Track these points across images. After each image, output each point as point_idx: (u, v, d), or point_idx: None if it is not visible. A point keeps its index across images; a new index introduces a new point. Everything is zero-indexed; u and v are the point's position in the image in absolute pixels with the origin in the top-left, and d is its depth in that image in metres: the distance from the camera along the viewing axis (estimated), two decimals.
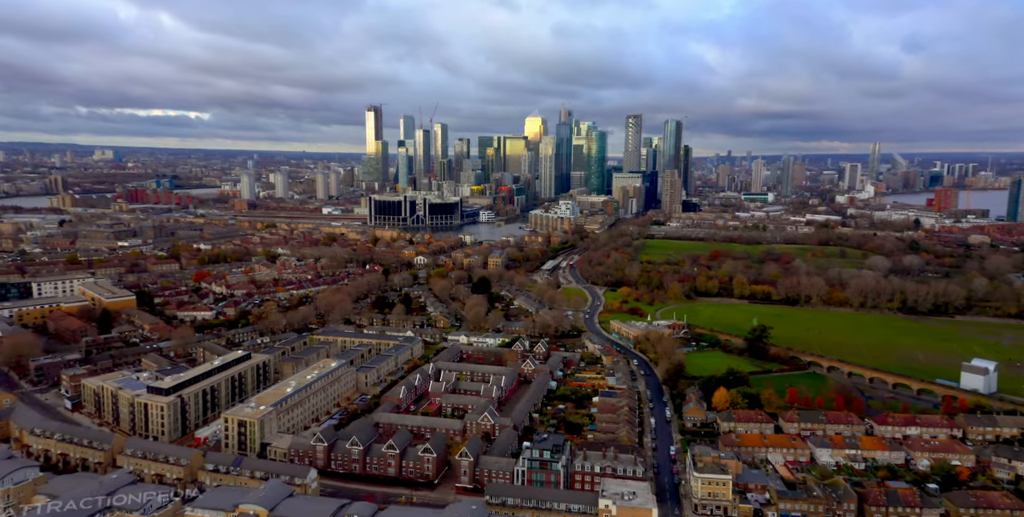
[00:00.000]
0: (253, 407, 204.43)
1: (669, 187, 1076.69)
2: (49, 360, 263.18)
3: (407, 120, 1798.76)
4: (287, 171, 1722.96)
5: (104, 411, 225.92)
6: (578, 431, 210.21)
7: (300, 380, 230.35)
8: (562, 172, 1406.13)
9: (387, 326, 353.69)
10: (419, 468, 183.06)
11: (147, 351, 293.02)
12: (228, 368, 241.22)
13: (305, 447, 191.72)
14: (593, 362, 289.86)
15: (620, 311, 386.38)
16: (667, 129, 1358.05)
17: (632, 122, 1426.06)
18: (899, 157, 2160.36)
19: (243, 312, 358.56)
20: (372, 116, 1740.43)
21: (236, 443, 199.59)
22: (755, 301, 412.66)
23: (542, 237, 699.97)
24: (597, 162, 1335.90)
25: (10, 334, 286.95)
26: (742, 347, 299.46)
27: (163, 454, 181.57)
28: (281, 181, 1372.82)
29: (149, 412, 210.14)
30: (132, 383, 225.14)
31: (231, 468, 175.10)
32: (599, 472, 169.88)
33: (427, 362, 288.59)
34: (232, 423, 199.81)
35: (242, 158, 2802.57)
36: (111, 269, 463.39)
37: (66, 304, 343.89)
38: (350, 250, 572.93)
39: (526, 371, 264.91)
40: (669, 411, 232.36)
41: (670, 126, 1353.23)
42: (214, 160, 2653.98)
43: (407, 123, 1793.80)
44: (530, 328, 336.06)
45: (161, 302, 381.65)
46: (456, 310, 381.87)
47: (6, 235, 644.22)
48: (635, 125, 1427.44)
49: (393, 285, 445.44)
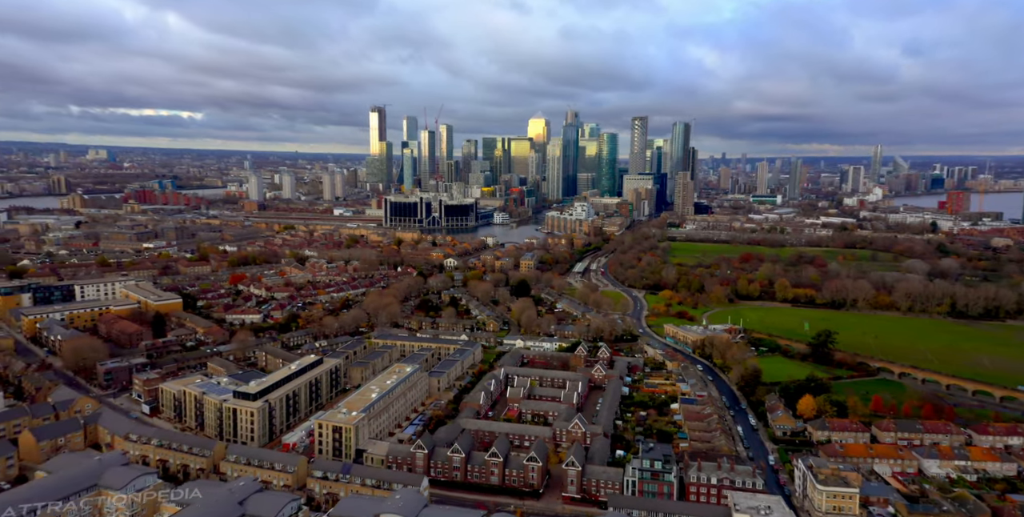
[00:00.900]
0: (345, 413, 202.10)
1: (682, 189, 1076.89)
2: (117, 364, 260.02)
3: (410, 121, 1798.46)
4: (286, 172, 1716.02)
5: (187, 416, 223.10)
6: (668, 439, 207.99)
7: (381, 385, 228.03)
8: (568, 174, 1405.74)
9: (436, 329, 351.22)
10: (523, 476, 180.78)
11: (208, 355, 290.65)
12: (305, 373, 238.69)
13: (404, 454, 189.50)
14: (656, 367, 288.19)
15: (667, 315, 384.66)
16: (675, 131, 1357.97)
17: (638, 124, 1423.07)
18: (901, 160, 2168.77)
19: (292, 315, 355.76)
20: (376, 117, 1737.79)
21: (331, 449, 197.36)
22: (798, 305, 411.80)
23: (565, 239, 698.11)
24: (608, 164, 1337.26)
25: (70, 338, 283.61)
26: (805, 352, 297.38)
27: (268, 460, 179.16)
28: (288, 182, 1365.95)
29: (238, 417, 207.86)
30: (214, 388, 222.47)
31: (340, 475, 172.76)
32: (715, 484, 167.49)
33: (488, 366, 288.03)
34: (326, 429, 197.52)
35: (237, 158, 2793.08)
36: (144, 271, 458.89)
37: (115, 307, 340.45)
38: (377, 252, 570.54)
39: (597, 377, 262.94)
40: (752, 419, 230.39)
41: (678, 128, 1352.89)
42: (208, 160, 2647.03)
43: (410, 124, 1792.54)
44: (584, 332, 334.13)
45: (205, 305, 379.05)
46: (502, 313, 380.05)
47: (25, 236, 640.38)
48: (641, 127, 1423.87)
49: (430, 288, 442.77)
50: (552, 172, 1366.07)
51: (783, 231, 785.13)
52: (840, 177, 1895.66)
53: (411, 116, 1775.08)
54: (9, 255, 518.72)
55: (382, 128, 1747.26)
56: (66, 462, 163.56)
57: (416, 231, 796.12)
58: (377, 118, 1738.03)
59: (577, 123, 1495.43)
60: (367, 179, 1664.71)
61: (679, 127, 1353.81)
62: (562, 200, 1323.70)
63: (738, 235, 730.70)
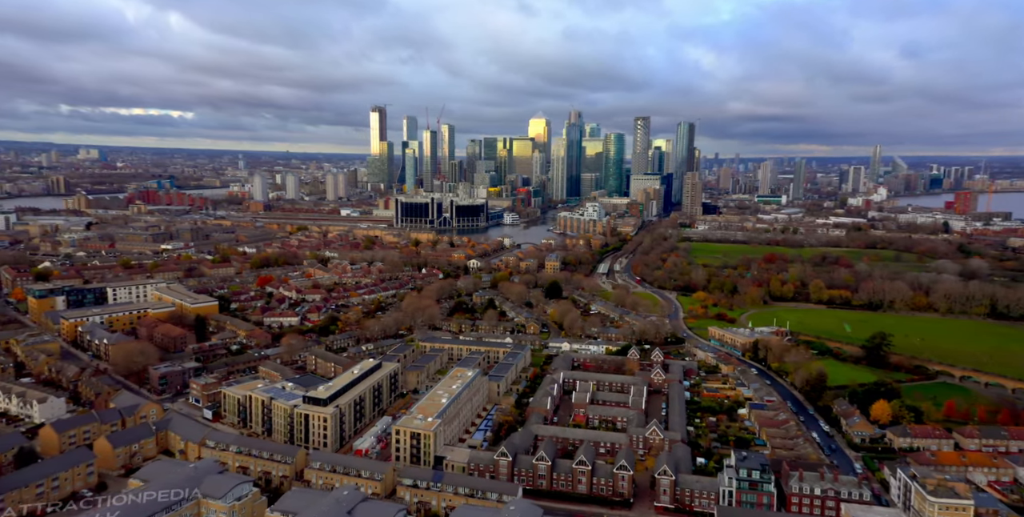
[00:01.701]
0: (421, 419, 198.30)
1: (690, 190, 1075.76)
2: (170, 368, 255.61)
3: (410, 121, 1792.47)
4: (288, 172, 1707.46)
5: (252, 421, 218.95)
6: (746, 446, 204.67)
7: (448, 390, 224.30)
8: (572, 174, 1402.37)
9: (476, 332, 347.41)
10: (612, 485, 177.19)
11: (256, 358, 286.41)
12: (367, 377, 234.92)
13: (486, 461, 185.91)
14: (710, 371, 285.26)
15: (705, 317, 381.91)
16: (679, 131, 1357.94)
17: (640, 124, 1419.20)
18: (900, 160, 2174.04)
19: (331, 318, 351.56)
20: (377, 117, 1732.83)
21: (408, 456, 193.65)
22: (833, 306, 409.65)
23: (582, 240, 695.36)
24: (615, 164, 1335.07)
25: (118, 342, 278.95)
26: (858, 355, 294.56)
27: (355, 468, 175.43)
28: (292, 182, 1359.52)
29: (310, 423, 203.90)
30: (280, 392, 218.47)
31: (431, 483, 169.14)
32: (820, 495, 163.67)
33: (540, 370, 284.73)
34: (404, 435, 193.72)
35: (229, 158, 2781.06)
36: (168, 273, 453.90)
37: (154, 310, 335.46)
38: (398, 253, 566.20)
39: (656, 381, 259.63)
40: (824, 425, 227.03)
41: (682, 128, 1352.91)
42: (201, 160, 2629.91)
43: (410, 124, 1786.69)
44: (628, 335, 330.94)
45: (238, 307, 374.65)
46: (539, 315, 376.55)
47: (36, 237, 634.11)
48: (643, 127, 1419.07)
49: (460, 289, 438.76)
50: (556, 172, 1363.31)
51: (796, 231, 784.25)
52: (840, 177, 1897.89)
53: (411, 116, 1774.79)
54: (27, 257, 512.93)
55: (383, 128, 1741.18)
56: (160, 470, 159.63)
57: (428, 231, 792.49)
58: (378, 118, 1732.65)
59: (580, 123, 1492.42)
60: (368, 179, 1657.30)
61: (683, 127, 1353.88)
62: (566, 200, 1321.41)
63: (755, 236, 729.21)
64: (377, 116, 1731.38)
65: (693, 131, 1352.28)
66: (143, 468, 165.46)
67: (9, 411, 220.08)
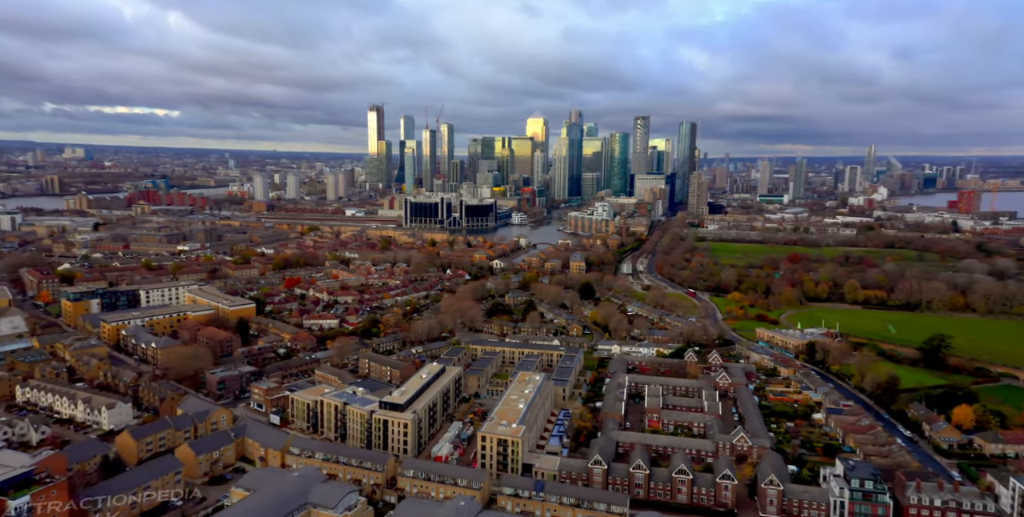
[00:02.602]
0: (505, 425, 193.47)
1: (696, 189, 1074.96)
2: (228, 373, 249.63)
3: (407, 120, 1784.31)
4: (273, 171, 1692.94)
5: (325, 427, 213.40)
6: (833, 453, 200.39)
7: (520, 394, 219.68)
8: (573, 173, 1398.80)
9: (518, 334, 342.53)
10: (714, 495, 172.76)
11: (307, 362, 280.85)
12: (435, 382, 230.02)
13: (579, 469, 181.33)
14: (769, 374, 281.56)
15: (745, 318, 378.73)
16: (681, 131, 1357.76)
17: (640, 123, 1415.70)
18: (895, 160, 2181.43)
19: (372, 320, 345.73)
20: (375, 116, 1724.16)
21: (495, 463, 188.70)
22: (868, 306, 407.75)
23: (599, 240, 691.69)
24: (620, 164, 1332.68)
25: (168, 346, 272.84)
26: (914, 357, 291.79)
27: (451, 476, 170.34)
28: (292, 182, 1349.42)
29: (389, 429, 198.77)
30: (352, 398, 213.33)
31: (533, 493, 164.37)
32: (940, 506, 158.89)
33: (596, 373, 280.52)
34: (491, 441, 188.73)
35: (216, 157, 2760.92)
36: (192, 275, 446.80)
37: (193, 313, 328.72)
38: (418, 254, 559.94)
39: (722, 384, 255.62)
40: (905, 430, 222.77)
41: (684, 128, 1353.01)
42: (188, 159, 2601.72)
43: (407, 123, 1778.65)
44: (676, 337, 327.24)
45: (273, 309, 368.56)
46: (579, 317, 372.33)
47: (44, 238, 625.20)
48: (643, 126, 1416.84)
49: (491, 291, 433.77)
50: (558, 172, 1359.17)
51: (807, 230, 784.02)
52: (835, 176, 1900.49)
53: (408, 115, 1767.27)
54: (43, 258, 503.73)
55: (380, 127, 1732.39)
56: (263, 479, 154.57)
57: (438, 231, 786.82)
58: (376, 117, 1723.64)
59: (580, 123, 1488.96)
60: (367, 179, 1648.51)
61: (685, 127, 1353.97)
62: (568, 200, 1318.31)
63: (770, 235, 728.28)
64: (375, 115, 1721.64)
65: (695, 131, 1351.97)
66: (245, 476, 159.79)
67: (75, 417, 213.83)
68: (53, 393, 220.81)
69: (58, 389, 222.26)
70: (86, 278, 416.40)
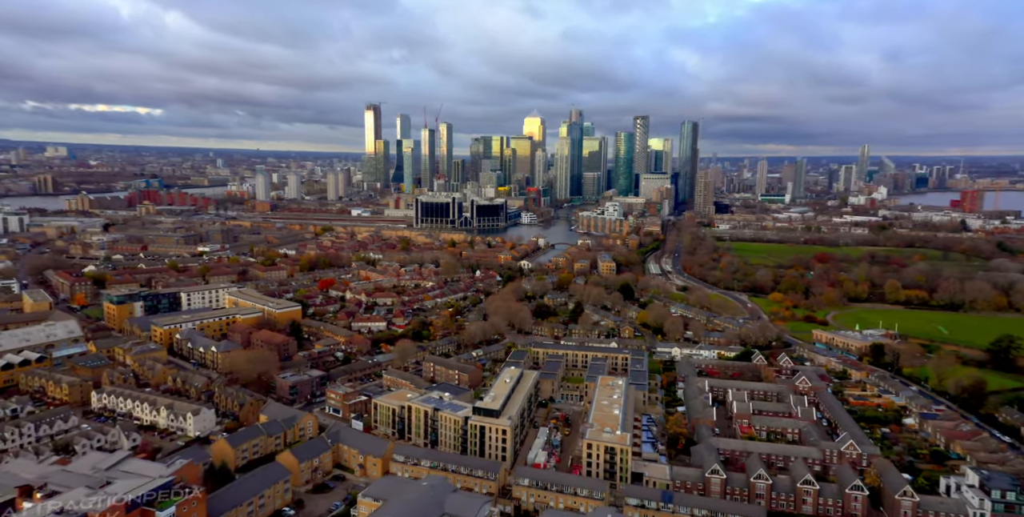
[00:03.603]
0: (609, 432, 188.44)
1: (703, 189, 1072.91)
2: (298, 377, 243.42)
3: (404, 120, 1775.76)
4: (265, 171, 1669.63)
5: (413, 433, 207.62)
6: (941, 460, 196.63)
7: (610, 400, 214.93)
8: (574, 173, 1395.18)
9: (569, 336, 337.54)
10: (842, 506, 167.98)
11: (369, 365, 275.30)
12: (519, 386, 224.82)
13: (693, 478, 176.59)
14: (839, 377, 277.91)
15: (792, 319, 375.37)
16: (683, 130, 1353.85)
17: (640, 123, 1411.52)
18: (888, 160, 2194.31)
19: (422, 322, 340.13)
20: (372, 115, 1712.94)
21: (603, 471, 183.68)
22: (910, 306, 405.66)
23: (618, 240, 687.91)
24: (626, 163, 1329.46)
25: (227, 351, 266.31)
26: (980, 358, 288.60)
27: (569, 485, 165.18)
28: (293, 182, 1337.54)
29: (486, 435, 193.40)
30: (440, 403, 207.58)
31: (660, 504, 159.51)
32: None
33: (667, 376, 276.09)
34: (598, 449, 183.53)
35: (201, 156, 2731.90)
36: (223, 277, 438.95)
37: (242, 316, 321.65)
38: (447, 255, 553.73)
39: (802, 388, 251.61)
40: (1002, 435, 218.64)
41: (686, 127, 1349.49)
42: (173, 158, 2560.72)
43: (404, 123, 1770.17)
44: (732, 339, 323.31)
45: (316, 312, 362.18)
46: (626, 318, 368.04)
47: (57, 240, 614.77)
48: (643, 126, 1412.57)
49: (528, 292, 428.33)
50: (560, 172, 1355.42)
51: (819, 230, 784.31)
52: (829, 176, 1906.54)
53: (404, 114, 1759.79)
54: (65, 260, 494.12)
55: (377, 126, 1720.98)
56: (392, 488, 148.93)
57: (451, 231, 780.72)
58: (372, 116, 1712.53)
59: (581, 122, 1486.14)
60: (363, 178, 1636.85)
61: (687, 127, 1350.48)
62: (571, 200, 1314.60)
63: (787, 235, 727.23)
64: (372, 114, 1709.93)
65: (696, 131, 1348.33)
66: (372, 486, 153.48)
67: (157, 424, 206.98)
68: (132, 399, 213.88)
69: (138, 395, 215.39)
70: (117, 280, 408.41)
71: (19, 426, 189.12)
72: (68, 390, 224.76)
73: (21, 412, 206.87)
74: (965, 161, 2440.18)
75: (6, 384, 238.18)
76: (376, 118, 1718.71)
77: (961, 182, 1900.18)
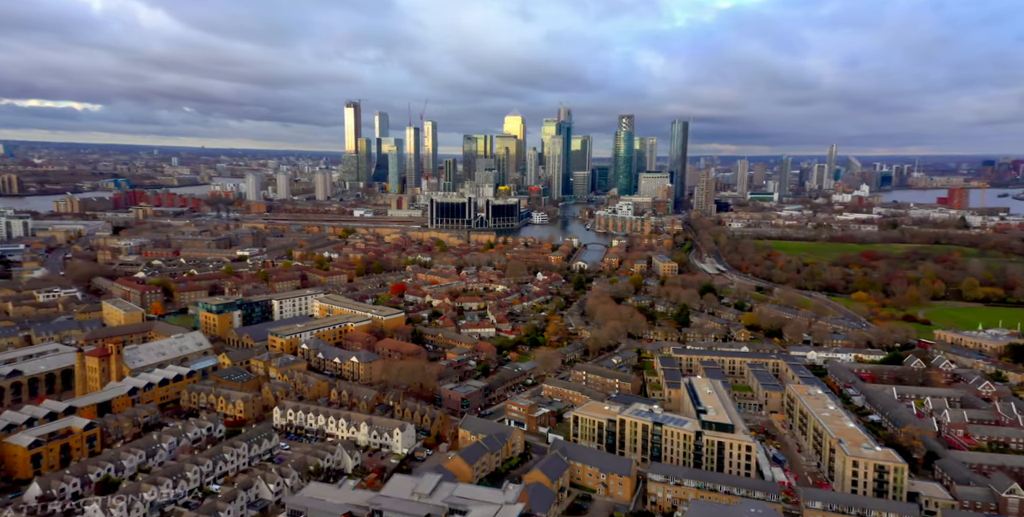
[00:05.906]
0: (867, 447, 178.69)
1: (704, 187, 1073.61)
2: (467, 389, 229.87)
3: (382, 118, 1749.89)
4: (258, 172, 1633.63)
5: (627, 447, 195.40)
6: None
7: (828, 411, 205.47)
8: (565, 172, 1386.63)
9: (685, 341, 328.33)
10: None
11: (518, 374, 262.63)
12: (719, 397, 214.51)
13: (983, 497, 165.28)
14: (996, 379, 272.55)
15: (892, 319, 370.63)
16: (674, 130, 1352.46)
17: (626, 122, 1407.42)
18: (855, 159, 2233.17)
19: (534, 328, 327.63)
20: (352, 113, 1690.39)
21: (870, 491, 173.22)
22: (989, 304, 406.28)
23: (652, 239, 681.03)
24: (625, 162, 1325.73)
25: (368, 361, 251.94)
26: None
27: (868, 508, 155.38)
28: (283, 182, 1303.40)
29: (726, 452, 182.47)
30: (657, 416, 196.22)
31: None
32: None
33: None
34: (866, 468, 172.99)
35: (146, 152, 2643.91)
36: (287, 283, 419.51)
37: (353, 324, 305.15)
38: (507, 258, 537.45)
39: (984, 394, 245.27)
40: None
41: (676, 127, 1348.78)
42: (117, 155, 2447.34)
43: (383, 121, 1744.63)
44: (859, 341, 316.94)
45: (413, 318, 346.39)
46: (729, 319, 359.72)
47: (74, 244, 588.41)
48: (628, 125, 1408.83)
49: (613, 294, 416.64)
50: (553, 171, 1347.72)
51: (830, 227, 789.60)
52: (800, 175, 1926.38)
53: (383, 112, 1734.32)
54: (106, 267, 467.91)
55: (357, 125, 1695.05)
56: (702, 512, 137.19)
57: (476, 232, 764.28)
58: (353, 114, 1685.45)
59: (569, 122, 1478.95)
60: (344, 178, 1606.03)
61: (677, 126, 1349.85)
62: (564, 199, 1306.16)
63: (814, 233, 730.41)
64: (352, 112, 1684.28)
65: (687, 130, 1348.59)
66: (689, 513, 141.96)
67: (357, 440, 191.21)
68: (324, 415, 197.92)
69: (329, 411, 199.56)
70: (182, 288, 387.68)
71: (235, 446, 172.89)
72: (243, 406, 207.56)
73: (215, 430, 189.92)
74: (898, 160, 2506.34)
75: (163, 401, 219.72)
76: (356, 116, 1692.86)
77: (920, 181, 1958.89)
